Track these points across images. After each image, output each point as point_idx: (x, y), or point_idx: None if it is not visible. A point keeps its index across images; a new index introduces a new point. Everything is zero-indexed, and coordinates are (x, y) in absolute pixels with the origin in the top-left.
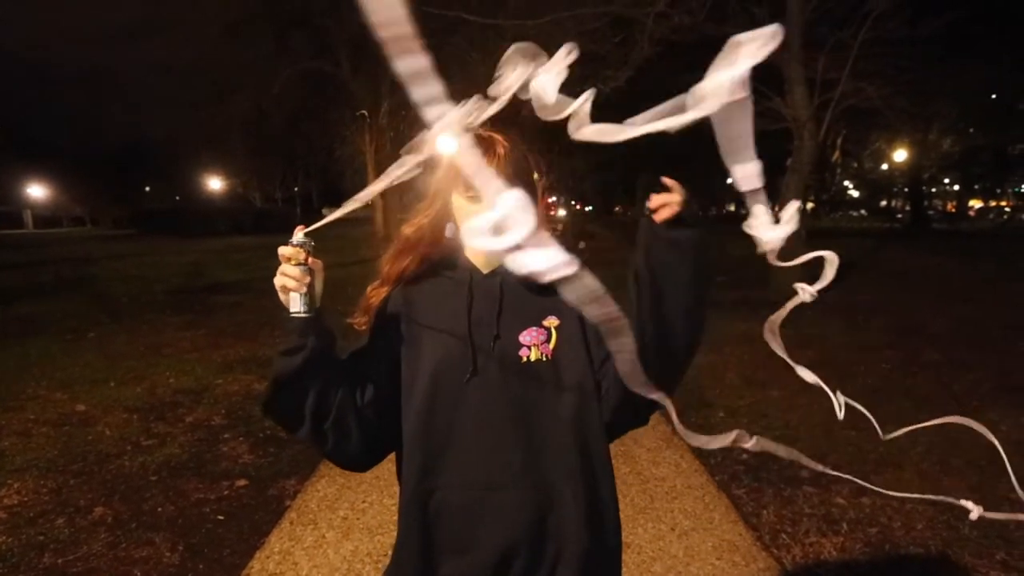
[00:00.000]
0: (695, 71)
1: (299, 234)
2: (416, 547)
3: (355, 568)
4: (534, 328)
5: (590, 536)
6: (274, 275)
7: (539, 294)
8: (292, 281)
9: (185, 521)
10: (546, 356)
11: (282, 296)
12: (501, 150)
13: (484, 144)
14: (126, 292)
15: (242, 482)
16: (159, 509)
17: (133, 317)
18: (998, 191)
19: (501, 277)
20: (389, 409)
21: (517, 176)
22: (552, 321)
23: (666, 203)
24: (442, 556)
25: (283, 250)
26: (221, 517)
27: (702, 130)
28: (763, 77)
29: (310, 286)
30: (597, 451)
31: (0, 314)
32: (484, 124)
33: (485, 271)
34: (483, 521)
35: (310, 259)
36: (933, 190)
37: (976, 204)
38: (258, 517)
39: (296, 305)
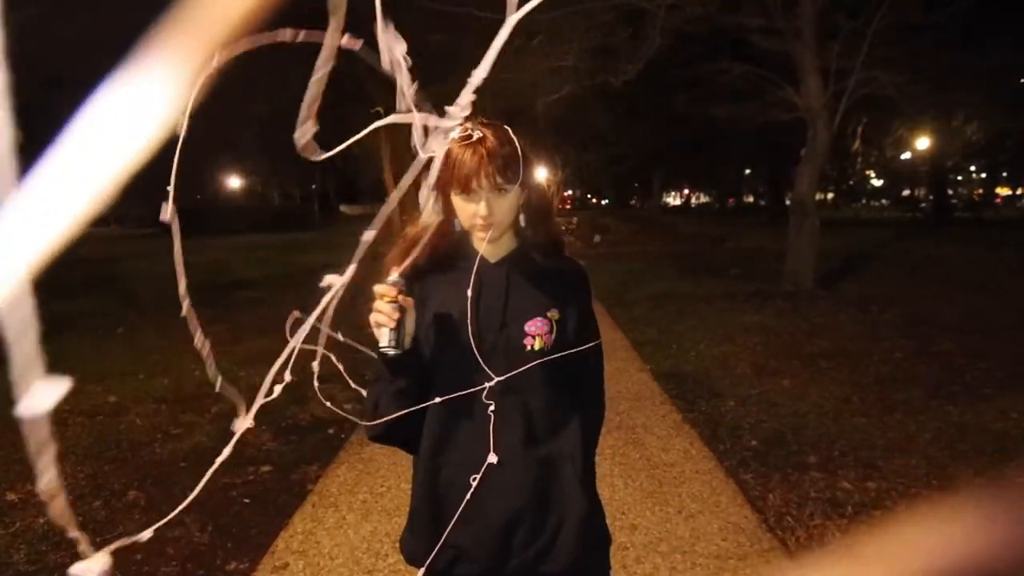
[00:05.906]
0: (707, 62)
1: (394, 274)
2: (428, 516)
3: (374, 547)
4: (540, 319)
5: (588, 499)
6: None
7: (543, 286)
8: (383, 317)
9: (214, 504)
10: (547, 345)
11: (375, 330)
12: (489, 145)
13: (471, 142)
14: (151, 290)
15: (266, 468)
16: (188, 493)
17: (158, 313)
18: None
19: (508, 267)
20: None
21: (508, 170)
22: (554, 314)
23: None
24: (451, 525)
25: (377, 288)
26: (247, 500)
27: (715, 122)
28: (776, 67)
29: (399, 322)
30: (577, 424)
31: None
32: (479, 119)
33: (492, 261)
34: (488, 495)
35: (401, 297)
36: (959, 178)
37: (1004, 192)
38: (282, 500)
39: (384, 340)
